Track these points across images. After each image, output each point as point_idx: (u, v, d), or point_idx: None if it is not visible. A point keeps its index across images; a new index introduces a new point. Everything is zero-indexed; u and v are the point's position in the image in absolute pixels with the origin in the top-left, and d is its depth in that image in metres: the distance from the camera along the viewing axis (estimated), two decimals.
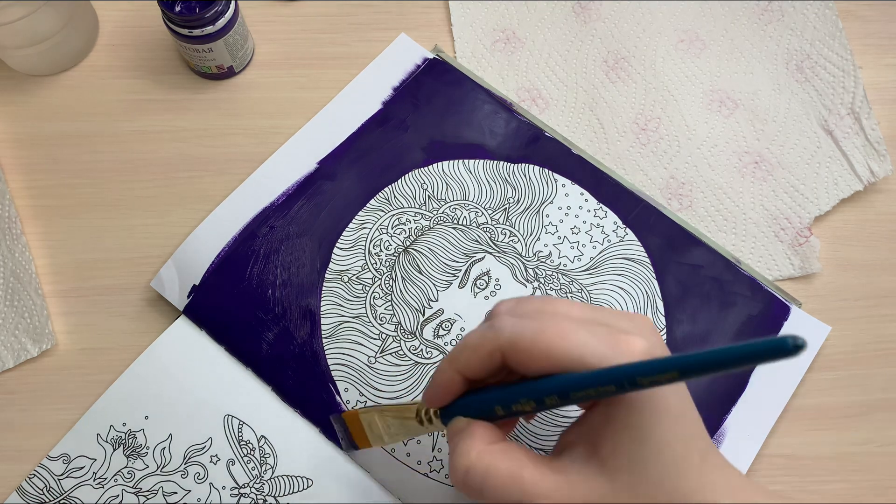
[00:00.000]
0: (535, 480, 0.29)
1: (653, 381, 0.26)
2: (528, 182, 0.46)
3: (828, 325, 0.44)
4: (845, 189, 0.47)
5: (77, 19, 0.48)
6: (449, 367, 0.32)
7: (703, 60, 0.51)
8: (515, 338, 0.29)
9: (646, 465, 0.28)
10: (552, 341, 0.29)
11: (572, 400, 0.29)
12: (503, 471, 0.29)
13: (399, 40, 0.50)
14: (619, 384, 0.27)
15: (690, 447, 0.29)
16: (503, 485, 0.29)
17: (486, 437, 0.31)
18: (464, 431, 0.31)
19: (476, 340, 0.31)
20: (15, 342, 0.43)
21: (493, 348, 0.30)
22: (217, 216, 0.45)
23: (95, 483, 0.40)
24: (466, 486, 0.30)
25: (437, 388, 0.32)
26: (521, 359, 0.29)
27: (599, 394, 0.28)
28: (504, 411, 0.31)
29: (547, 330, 0.29)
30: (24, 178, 0.47)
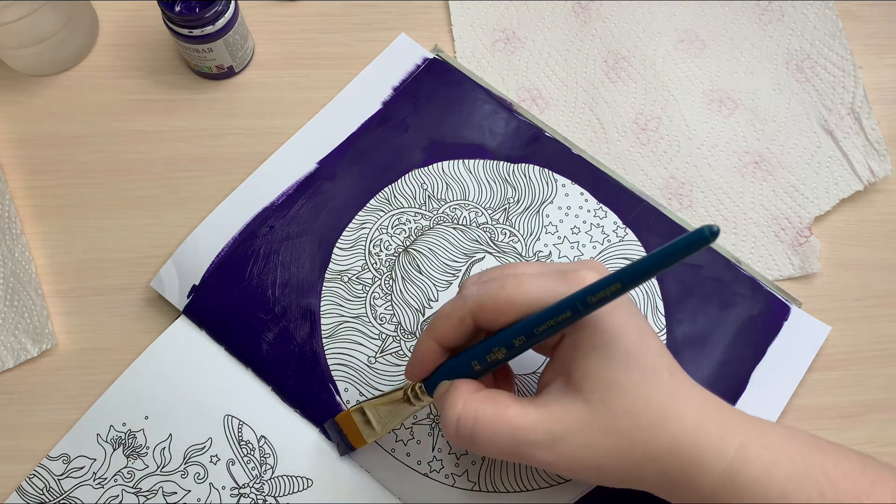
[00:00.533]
0: (520, 416, 0.31)
1: (601, 297, 0.28)
2: (528, 182, 0.46)
3: (828, 325, 0.44)
4: (845, 189, 0.47)
5: (77, 19, 0.48)
6: (426, 338, 0.34)
7: (703, 60, 0.51)
8: (480, 299, 0.32)
9: (617, 381, 0.30)
10: (512, 293, 0.31)
11: (537, 336, 0.31)
12: (490, 413, 0.31)
13: (399, 40, 0.50)
14: (573, 308, 0.29)
15: (658, 362, 0.31)
16: (492, 426, 0.31)
17: (470, 389, 0.32)
18: (449, 390, 0.33)
19: (448, 309, 0.33)
20: (15, 342, 0.43)
21: (462, 314, 0.33)
22: (217, 216, 0.45)
23: (95, 483, 0.40)
24: (458, 436, 0.32)
25: (417, 360, 0.35)
26: (489, 316, 0.32)
27: (559, 323, 0.30)
28: (481, 365, 0.33)
29: (506, 285, 0.32)
30: (24, 178, 0.47)
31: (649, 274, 0.27)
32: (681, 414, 0.30)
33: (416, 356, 0.35)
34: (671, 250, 0.26)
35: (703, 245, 0.25)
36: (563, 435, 0.30)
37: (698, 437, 0.30)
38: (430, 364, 0.34)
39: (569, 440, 0.30)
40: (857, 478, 0.30)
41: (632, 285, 0.27)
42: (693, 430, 0.30)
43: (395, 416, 0.37)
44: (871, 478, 0.30)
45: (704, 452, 0.30)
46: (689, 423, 0.30)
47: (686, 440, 0.30)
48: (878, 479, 0.30)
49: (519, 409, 0.31)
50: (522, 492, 0.40)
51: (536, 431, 0.31)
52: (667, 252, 0.26)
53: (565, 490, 0.40)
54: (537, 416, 0.31)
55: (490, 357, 0.32)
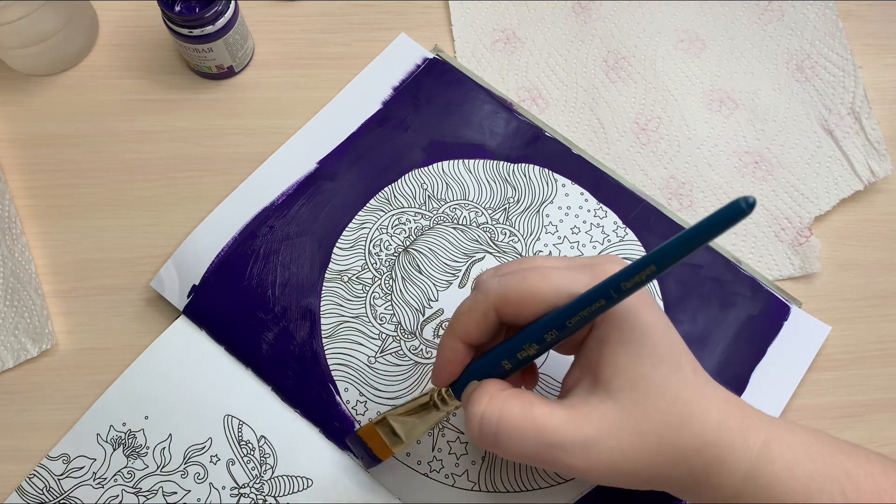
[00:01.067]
0: (547, 417, 0.30)
1: (636, 282, 0.27)
2: (528, 182, 0.46)
3: (828, 325, 0.44)
4: (845, 189, 0.47)
5: (77, 19, 0.48)
6: (449, 338, 0.33)
7: (703, 60, 0.51)
8: (504, 291, 0.31)
9: (646, 378, 0.30)
10: (537, 284, 0.31)
11: (570, 328, 0.30)
12: (516, 411, 0.30)
13: (399, 40, 0.50)
14: (606, 296, 0.28)
15: (682, 360, 0.31)
16: (517, 425, 0.30)
17: (497, 387, 0.31)
18: (476, 390, 0.32)
19: (469, 304, 0.32)
20: (15, 342, 0.43)
21: (485, 308, 0.31)
22: (217, 216, 0.45)
23: (95, 483, 0.40)
24: (482, 434, 0.31)
25: (444, 363, 0.33)
26: (514, 309, 0.31)
27: (592, 313, 0.29)
28: (511, 363, 0.32)
29: (529, 276, 0.31)
30: (24, 178, 0.47)
31: (683, 252, 0.26)
32: (706, 411, 0.30)
33: (440, 359, 0.33)
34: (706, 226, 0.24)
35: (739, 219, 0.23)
36: (594, 438, 0.29)
37: (722, 435, 0.30)
38: (456, 366, 0.33)
39: (600, 444, 0.29)
40: (878, 478, 0.30)
41: (666, 266, 0.26)
42: (717, 429, 0.30)
43: (422, 424, 0.35)
44: (892, 479, 0.30)
45: (728, 451, 0.30)
46: (713, 421, 0.30)
47: (711, 438, 0.30)
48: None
49: (546, 409, 0.30)
50: (522, 492, 0.40)
51: (566, 433, 0.29)
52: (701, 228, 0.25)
53: (565, 490, 0.40)
54: (566, 417, 0.30)
55: (521, 354, 0.31)
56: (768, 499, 0.30)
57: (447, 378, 0.33)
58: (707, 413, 0.30)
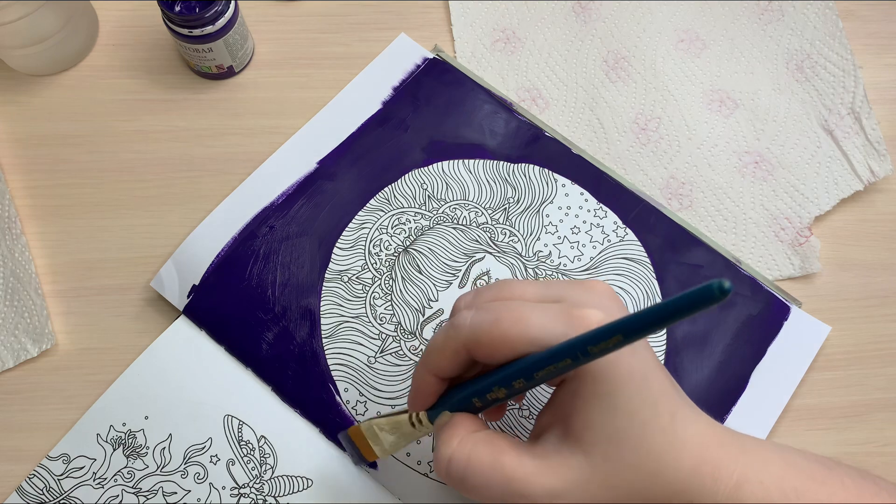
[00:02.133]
0: (515, 466, 0.30)
1: (602, 348, 0.27)
2: (528, 182, 0.46)
3: (828, 325, 0.44)
4: (845, 189, 0.47)
5: (77, 19, 0.48)
6: (422, 371, 0.33)
7: (703, 60, 0.51)
8: (475, 332, 0.30)
9: (617, 434, 0.29)
10: (509, 329, 0.29)
11: (537, 380, 0.29)
12: (484, 457, 0.30)
13: (399, 40, 0.50)
14: (573, 356, 0.28)
15: (659, 409, 0.30)
16: (484, 472, 0.30)
17: (468, 427, 0.31)
18: (447, 424, 0.32)
19: (440, 342, 0.32)
20: (15, 342, 0.43)
21: (456, 346, 0.31)
22: (217, 216, 0.45)
23: (95, 483, 0.40)
24: (449, 475, 0.31)
25: (416, 393, 0.33)
26: (485, 351, 0.30)
27: (559, 369, 0.28)
28: (481, 402, 0.32)
29: (503, 319, 0.30)
30: (24, 178, 0.47)
31: (653, 327, 0.25)
32: (678, 459, 0.29)
33: (413, 387, 0.34)
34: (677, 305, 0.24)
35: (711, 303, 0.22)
36: (561, 492, 0.29)
37: (692, 482, 0.29)
38: (429, 396, 0.33)
39: (566, 497, 0.29)
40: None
41: (634, 337, 0.26)
42: (687, 477, 0.29)
43: (402, 438, 0.35)
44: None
45: (698, 497, 0.29)
46: (686, 469, 0.29)
47: (681, 486, 0.29)
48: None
49: (514, 458, 0.30)
50: None
51: (532, 485, 0.29)
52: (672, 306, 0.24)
53: None
54: (534, 469, 0.29)
55: (490, 396, 0.31)
56: None
57: (421, 405, 0.34)
58: (679, 462, 0.29)
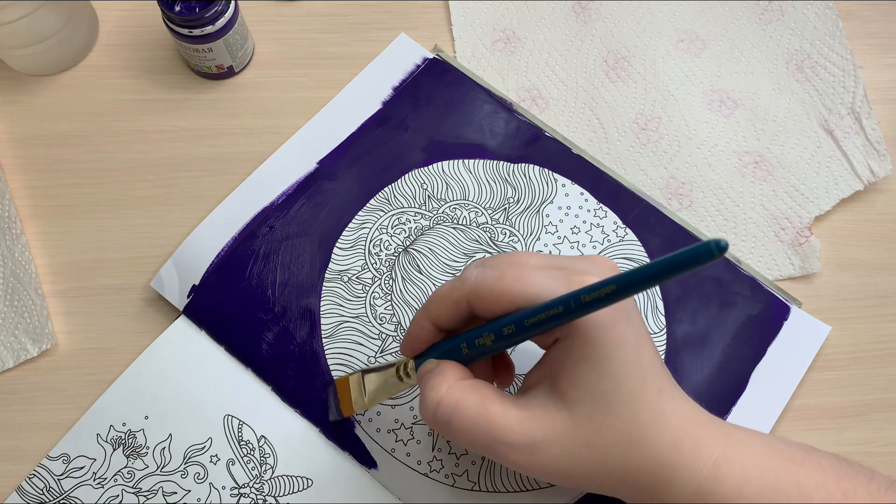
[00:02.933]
0: (500, 413, 0.31)
1: (594, 297, 0.27)
2: (528, 182, 0.46)
3: (828, 325, 0.44)
4: (845, 189, 0.47)
5: (77, 19, 0.48)
6: (421, 316, 0.34)
7: (703, 60, 0.51)
8: (478, 284, 0.31)
9: (605, 397, 0.30)
10: (511, 284, 0.31)
11: (527, 329, 0.30)
12: (471, 404, 0.31)
13: (399, 40, 0.50)
14: (565, 305, 0.28)
15: (648, 380, 0.30)
16: (470, 417, 0.31)
17: (456, 374, 0.32)
18: (434, 370, 0.33)
19: (444, 290, 0.33)
20: (15, 342, 0.43)
21: (459, 296, 0.32)
22: (217, 216, 0.45)
23: (95, 483, 0.40)
24: (435, 420, 0.31)
25: (411, 337, 0.34)
26: (485, 304, 0.31)
27: (549, 318, 0.29)
28: (469, 349, 0.32)
29: (506, 275, 0.31)
30: (24, 178, 0.47)
31: (648, 283, 0.26)
32: (659, 432, 0.30)
33: (409, 332, 0.34)
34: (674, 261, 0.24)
35: (707, 260, 0.23)
36: (541, 442, 0.30)
37: (671, 456, 0.30)
38: (422, 343, 0.34)
39: (546, 449, 0.30)
40: (830, 489, 0.30)
41: (629, 291, 0.26)
42: (668, 450, 0.30)
43: (385, 391, 0.37)
44: (843, 488, 0.30)
45: (677, 472, 0.30)
46: (666, 442, 0.30)
47: (660, 459, 0.30)
48: (850, 488, 0.30)
49: (501, 407, 0.31)
50: (522, 492, 0.40)
51: (515, 433, 0.30)
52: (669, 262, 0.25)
53: (565, 490, 0.40)
54: (517, 418, 0.30)
55: (479, 341, 0.32)
56: None
57: (412, 350, 0.35)
58: (661, 434, 0.30)
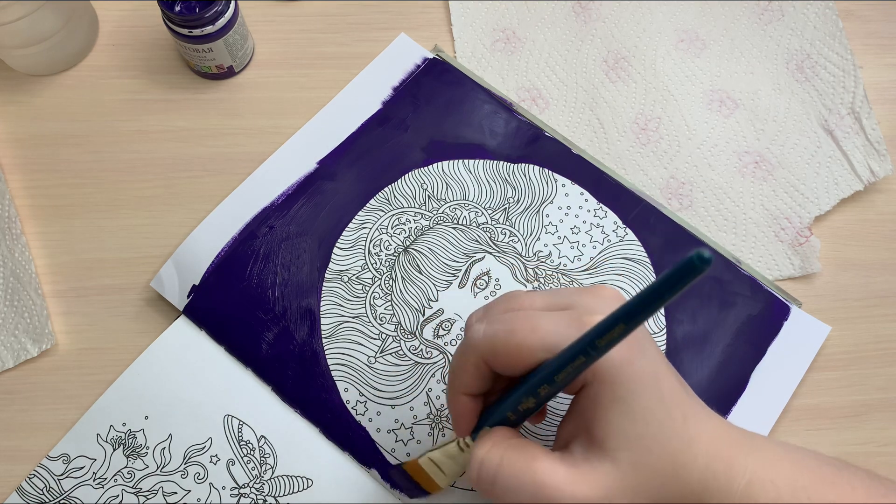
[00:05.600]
0: (547, 472, 0.30)
1: (608, 339, 0.27)
2: (528, 182, 0.46)
3: (828, 325, 0.44)
4: (845, 189, 0.47)
5: (77, 19, 0.48)
6: (451, 394, 0.34)
7: (703, 60, 0.51)
8: (492, 343, 0.31)
9: (638, 439, 0.30)
10: (525, 337, 0.30)
11: (558, 383, 0.30)
12: (516, 462, 0.30)
13: (399, 40, 0.50)
14: (585, 353, 0.28)
15: (672, 408, 0.30)
16: (516, 476, 0.30)
17: (502, 435, 0.32)
18: (481, 435, 0.32)
19: (458, 359, 0.33)
20: (15, 342, 0.43)
21: (476, 360, 0.32)
22: (217, 216, 0.45)
23: (95, 483, 0.40)
24: (480, 479, 0.31)
25: (456, 418, 0.34)
26: (502, 361, 0.31)
27: (575, 368, 0.29)
28: (515, 415, 0.32)
29: (517, 329, 0.31)
30: (24, 178, 0.47)
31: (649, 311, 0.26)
32: (692, 459, 0.30)
33: (452, 414, 0.34)
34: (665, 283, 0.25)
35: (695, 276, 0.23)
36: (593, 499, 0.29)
37: (706, 482, 0.30)
38: (468, 417, 0.34)
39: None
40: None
41: (636, 323, 0.27)
42: (701, 476, 0.30)
43: (456, 465, 0.36)
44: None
45: (712, 496, 0.30)
46: (699, 469, 0.30)
47: (695, 486, 0.30)
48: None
49: (548, 464, 0.30)
50: None
51: (564, 493, 0.29)
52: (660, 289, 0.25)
53: None
54: (566, 476, 0.30)
55: (522, 407, 0.32)
56: None
57: (464, 429, 0.34)
58: (694, 461, 0.30)
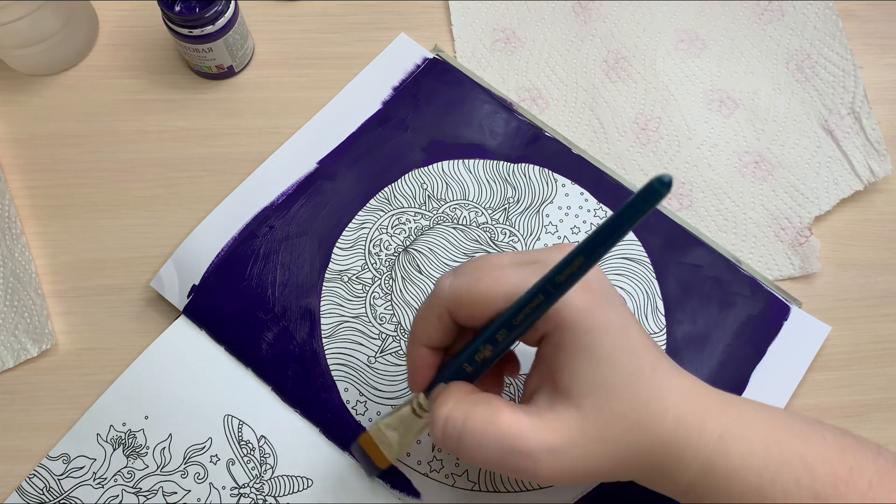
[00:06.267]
0: (512, 423, 0.30)
1: (568, 274, 0.28)
2: (528, 182, 0.46)
3: (828, 325, 0.44)
4: (845, 189, 0.47)
5: (77, 19, 0.48)
6: (412, 344, 0.34)
7: (703, 60, 0.51)
8: (455, 293, 0.31)
9: (604, 385, 0.30)
10: (488, 286, 0.31)
11: (518, 327, 0.30)
12: (481, 416, 0.30)
13: (399, 40, 0.50)
14: (544, 291, 0.29)
15: (640, 359, 0.30)
16: (482, 430, 0.30)
17: (463, 390, 0.32)
18: (442, 393, 0.32)
19: (422, 311, 0.33)
20: (15, 342, 0.43)
21: (440, 310, 0.32)
22: (217, 216, 0.45)
23: (95, 483, 0.40)
24: (446, 437, 0.31)
25: (413, 370, 0.34)
26: (467, 311, 0.31)
27: (535, 310, 0.29)
28: (472, 366, 0.32)
29: (481, 279, 0.31)
30: (24, 178, 0.47)
31: (609, 242, 0.26)
32: (663, 410, 0.30)
33: (409, 366, 0.34)
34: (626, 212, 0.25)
35: (657, 200, 0.24)
36: (558, 446, 0.30)
37: (678, 433, 0.30)
38: (426, 370, 0.34)
39: (564, 452, 0.30)
40: (835, 464, 0.30)
41: (595, 257, 0.27)
42: (674, 427, 0.30)
43: (408, 430, 0.35)
44: (849, 463, 0.30)
45: (684, 447, 0.30)
46: (670, 420, 0.30)
47: (667, 437, 0.30)
48: (856, 464, 0.30)
49: (512, 416, 0.30)
50: (522, 491, 0.40)
51: (530, 441, 0.30)
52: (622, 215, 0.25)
53: (566, 490, 0.40)
54: (531, 425, 0.30)
55: (479, 356, 0.32)
56: (722, 491, 0.30)
57: (420, 382, 0.34)
58: (664, 412, 0.30)
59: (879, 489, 0.30)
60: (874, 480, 0.30)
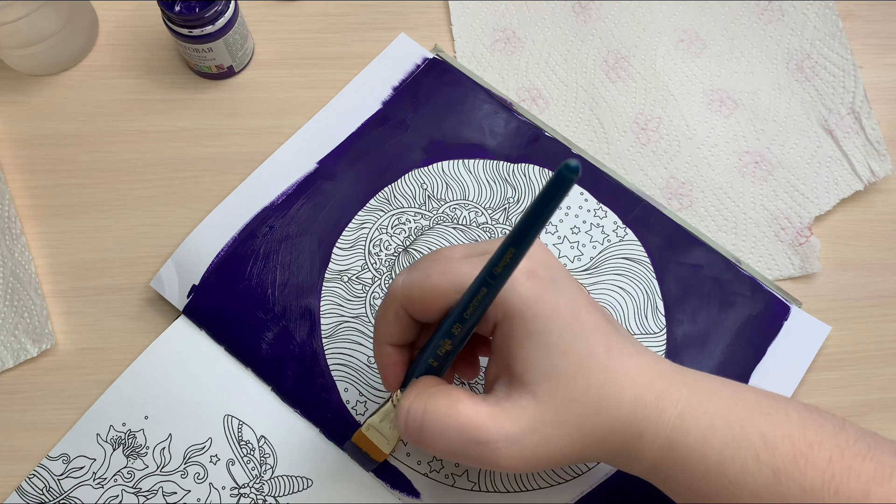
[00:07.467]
0: (471, 412, 0.30)
1: (503, 265, 0.28)
2: (528, 182, 0.46)
3: (828, 325, 0.44)
4: (845, 189, 0.47)
5: (77, 19, 0.48)
6: (376, 344, 0.34)
7: (703, 60, 0.51)
8: (406, 289, 0.31)
9: (555, 371, 0.30)
10: (437, 281, 0.31)
11: (469, 320, 0.30)
12: (440, 406, 0.30)
13: (399, 40, 0.50)
14: (485, 283, 0.29)
15: (592, 342, 0.30)
16: (441, 420, 0.30)
17: (427, 383, 0.32)
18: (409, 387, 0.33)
19: (380, 309, 0.33)
20: (15, 342, 0.43)
21: (395, 308, 0.32)
22: (217, 216, 0.45)
23: (95, 483, 0.40)
24: (407, 428, 0.31)
25: (383, 369, 0.34)
26: (418, 306, 0.31)
27: (481, 302, 0.29)
28: (437, 361, 0.32)
29: (431, 273, 0.31)
30: (24, 178, 0.47)
31: (533, 231, 0.26)
32: (620, 391, 0.30)
33: (379, 366, 0.34)
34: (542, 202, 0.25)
35: (569, 186, 0.24)
36: (516, 433, 0.30)
37: (637, 412, 0.30)
38: (395, 367, 0.34)
39: (523, 439, 0.30)
40: (795, 440, 0.30)
41: (524, 246, 0.27)
42: (632, 407, 0.30)
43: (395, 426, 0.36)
44: (809, 439, 0.30)
45: (644, 427, 0.30)
46: (628, 401, 0.30)
47: (626, 418, 0.30)
48: (816, 439, 0.30)
49: (471, 405, 0.30)
50: (522, 492, 0.40)
51: (489, 430, 0.30)
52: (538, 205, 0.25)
53: (565, 490, 0.40)
54: (488, 414, 0.30)
55: (440, 351, 0.32)
56: (684, 469, 0.30)
57: (393, 380, 0.34)
58: (622, 392, 0.30)
59: (840, 463, 0.29)
60: (834, 455, 0.30)
